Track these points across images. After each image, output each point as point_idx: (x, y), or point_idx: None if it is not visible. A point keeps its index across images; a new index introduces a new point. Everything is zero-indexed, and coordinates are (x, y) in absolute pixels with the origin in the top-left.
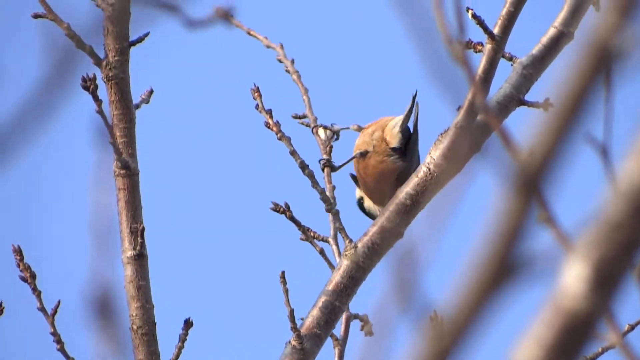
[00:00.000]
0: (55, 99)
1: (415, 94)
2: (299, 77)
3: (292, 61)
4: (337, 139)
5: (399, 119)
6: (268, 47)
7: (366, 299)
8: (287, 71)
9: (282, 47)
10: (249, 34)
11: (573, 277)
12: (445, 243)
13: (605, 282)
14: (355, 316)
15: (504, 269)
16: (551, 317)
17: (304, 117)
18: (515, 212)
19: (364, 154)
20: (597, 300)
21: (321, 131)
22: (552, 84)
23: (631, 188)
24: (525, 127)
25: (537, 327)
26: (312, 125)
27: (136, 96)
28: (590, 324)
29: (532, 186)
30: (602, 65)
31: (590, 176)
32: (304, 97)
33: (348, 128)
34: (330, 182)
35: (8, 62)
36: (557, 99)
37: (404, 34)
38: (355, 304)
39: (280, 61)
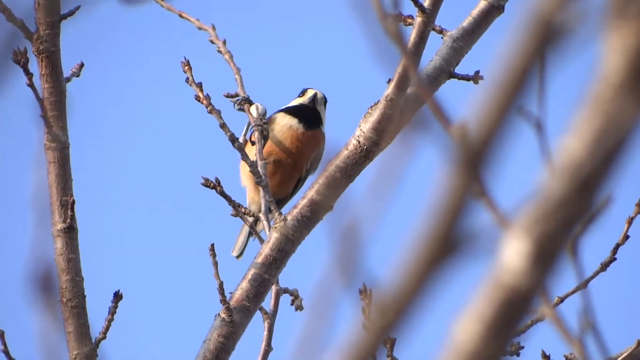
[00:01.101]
0: None
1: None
2: (231, 57)
3: (224, 42)
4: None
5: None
6: (200, 28)
7: (296, 272)
8: (219, 51)
9: (214, 28)
10: (180, 16)
11: (513, 252)
12: (387, 218)
13: (545, 258)
14: (285, 290)
15: (446, 245)
16: (492, 293)
17: (236, 95)
18: (456, 189)
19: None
20: (537, 275)
21: (253, 108)
22: (488, 57)
23: (571, 164)
24: (461, 100)
25: (478, 302)
26: (242, 102)
27: (67, 70)
28: (529, 298)
29: (473, 162)
30: (545, 41)
31: (527, 153)
32: (236, 76)
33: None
34: (261, 156)
35: None
36: (496, 73)
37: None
38: (286, 278)
39: (212, 42)
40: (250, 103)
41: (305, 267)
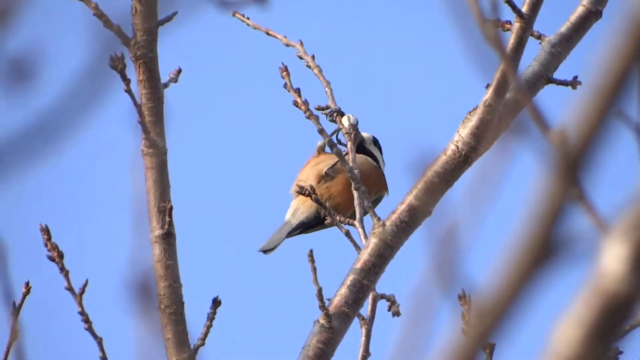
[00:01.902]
0: (96, 88)
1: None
2: (320, 71)
3: (313, 57)
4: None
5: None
6: (288, 45)
7: (393, 278)
8: (308, 66)
9: (301, 44)
10: (267, 34)
11: (613, 258)
12: (485, 224)
13: None
14: (382, 296)
15: (544, 251)
16: (591, 298)
17: (327, 108)
18: (554, 194)
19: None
20: (637, 281)
21: (345, 119)
22: (586, 62)
23: None
24: (559, 105)
25: (578, 307)
26: (334, 113)
27: (164, 75)
28: (629, 304)
29: (571, 167)
30: None
31: (627, 157)
32: (327, 89)
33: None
34: (355, 165)
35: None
36: (595, 78)
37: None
38: (383, 285)
39: (300, 57)
40: (342, 114)
41: (403, 273)
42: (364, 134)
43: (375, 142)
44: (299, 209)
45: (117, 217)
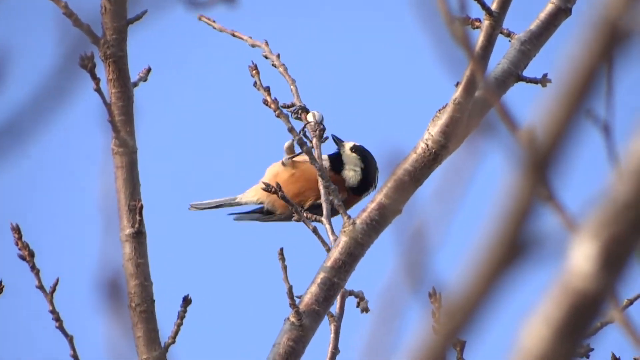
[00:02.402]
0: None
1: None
2: (285, 69)
3: (278, 55)
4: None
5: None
6: (253, 46)
7: (362, 276)
8: (274, 65)
9: (267, 43)
10: (233, 35)
11: (581, 256)
12: (454, 223)
13: (614, 261)
14: (351, 292)
15: (513, 249)
16: (560, 297)
17: (293, 105)
18: (523, 193)
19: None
20: (605, 279)
21: (310, 115)
22: (555, 60)
23: (638, 167)
24: (529, 104)
25: (546, 306)
26: (299, 110)
27: (134, 74)
28: (598, 302)
29: (539, 166)
30: (611, 44)
31: (594, 155)
32: (292, 87)
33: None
34: (319, 158)
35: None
36: (563, 77)
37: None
38: (352, 281)
39: (266, 57)
40: (307, 111)
41: (372, 271)
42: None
43: (357, 149)
44: (248, 192)
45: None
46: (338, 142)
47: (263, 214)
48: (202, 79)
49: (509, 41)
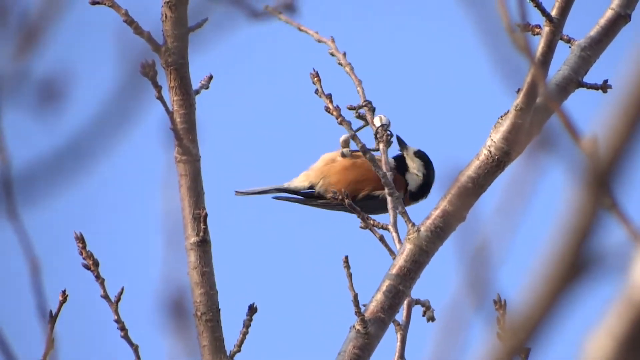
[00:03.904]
0: (130, 104)
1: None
2: (351, 69)
3: (344, 54)
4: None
5: None
6: (319, 41)
7: (428, 284)
8: (340, 64)
9: (333, 40)
10: (299, 29)
11: None
12: (517, 238)
13: None
14: (417, 301)
15: (576, 265)
16: (623, 310)
17: (360, 107)
18: (586, 207)
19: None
20: None
21: (377, 119)
22: (616, 67)
23: None
24: (590, 110)
25: (610, 319)
26: (367, 106)
27: (196, 82)
28: None
29: (602, 179)
30: None
31: None
32: (358, 88)
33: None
34: (386, 165)
35: (80, 69)
36: (625, 84)
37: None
38: (416, 290)
39: (332, 54)
40: (374, 110)
41: (437, 279)
42: (412, 148)
43: (421, 155)
44: (297, 178)
45: (152, 226)
46: (402, 145)
47: (312, 198)
48: (264, 85)
49: (569, 47)
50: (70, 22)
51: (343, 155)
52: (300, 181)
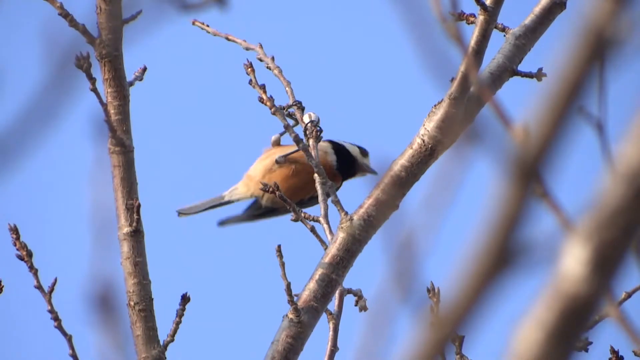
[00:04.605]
0: (58, 98)
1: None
2: (280, 71)
3: (272, 58)
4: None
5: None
6: (247, 49)
7: (360, 274)
8: (268, 67)
9: (261, 46)
10: (227, 39)
11: (573, 260)
12: (443, 230)
13: (606, 265)
14: (349, 291)
15: (504, 256)
16: (552, 301)
17: (290, 107)
18: (513, 197)
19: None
20: (598, 282)
21: (306, 116)
22: (549, 56)
23: (630, 171)
24: (522, 101)
25: (538, 310)
26: (295, 105)
27: (130, 74)
28: (591, 306)
29: (530, 169)
30: (599, 51)
31: (588, 157)
32: (287, 89)
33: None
34: (316, 159)
35: (7, 62)
36: (556, 73)
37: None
38: (349, 279)
39: (260, 60)
40: (303, 109)
41: (370, 269)
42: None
43: (362, 151)
44: (237, 189)
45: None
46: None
47: (257, 209)
48: (197, 78)
49: (504, 36)
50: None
51: (277, 162)
52: (241, 193)
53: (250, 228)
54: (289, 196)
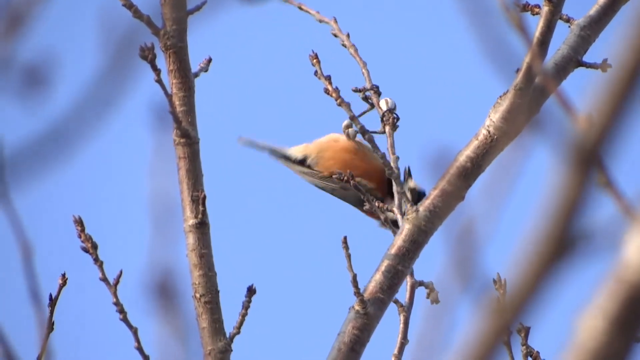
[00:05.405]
0: (115, 87)
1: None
2: (356, 50)
3: (348, 35)
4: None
5: None
6: (321, 21)
7: (429, 265)
8: (344, 45)
9: (335, 21)
10: (300, 8)
11: (636, 248)
12: (504, 218)
13: None
14: (421, 283)
15: (564, 243)
16: (614, 289)
17: (367, 90)
18: (574, 184)
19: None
20: None
21: (382, 102)
22: (612, 45)
23: None
24: (585, 91)
25: (601, 299)
26: (372, 90)
27: (195, 65)
28: None
29: (591, 156)
30: None
31: None
32: (363, 70)
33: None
34: (392, 148)
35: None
36: (617, 63)
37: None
38: (419, 271)
39: (335, 35)
40: (379, 94)
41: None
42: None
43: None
44: (298, 148)
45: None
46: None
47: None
48: (263, 67)
49: (569, 27)
50: (56, 7)
51: (348, 135)
52: (297, 150)
53: (317, 218)
54: (336, 167)
